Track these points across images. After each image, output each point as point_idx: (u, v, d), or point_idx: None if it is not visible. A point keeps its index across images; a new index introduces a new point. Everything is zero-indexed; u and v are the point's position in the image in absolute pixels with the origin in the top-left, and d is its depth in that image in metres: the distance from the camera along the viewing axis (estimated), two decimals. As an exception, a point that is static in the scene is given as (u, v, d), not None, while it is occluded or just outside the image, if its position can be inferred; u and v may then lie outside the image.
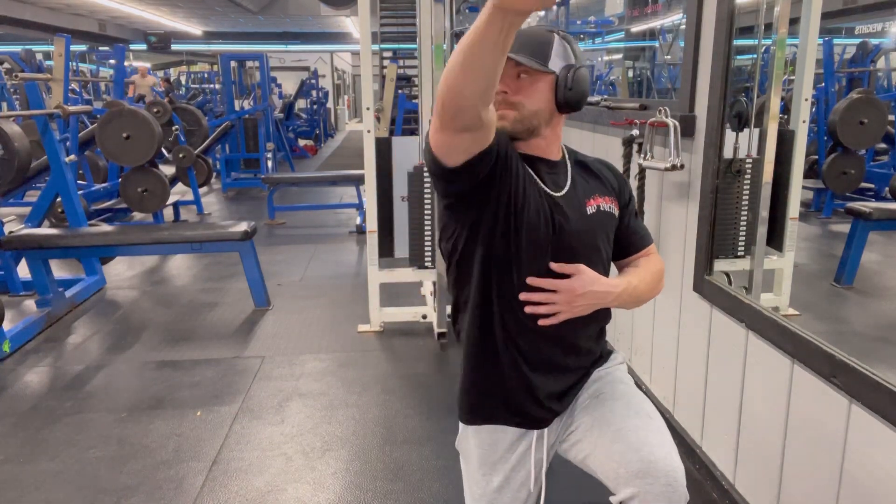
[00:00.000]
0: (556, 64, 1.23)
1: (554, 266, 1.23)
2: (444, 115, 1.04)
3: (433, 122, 1.09)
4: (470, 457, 1.38)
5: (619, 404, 1.30)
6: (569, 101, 1.24)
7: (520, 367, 1.28)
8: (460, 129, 1.06)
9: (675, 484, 1.16)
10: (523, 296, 1.22)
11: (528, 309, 1.23)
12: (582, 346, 1.34)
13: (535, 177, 1.25)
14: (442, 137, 1.09)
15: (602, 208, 1.31)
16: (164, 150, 6.52)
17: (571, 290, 1.22)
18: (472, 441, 1.37)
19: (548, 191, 1.25)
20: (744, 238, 2.11)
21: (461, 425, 1.40)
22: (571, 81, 1.23)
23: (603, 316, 1.36)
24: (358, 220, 6.27)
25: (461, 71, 0.96)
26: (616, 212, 1.35)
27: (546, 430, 1.34)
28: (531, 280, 1.22)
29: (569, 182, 1.30)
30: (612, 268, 1.39)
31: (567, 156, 1.35)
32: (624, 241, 1.38)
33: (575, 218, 1.26)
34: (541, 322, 1.23)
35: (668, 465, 1.17)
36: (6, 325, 3.31)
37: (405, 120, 8.04)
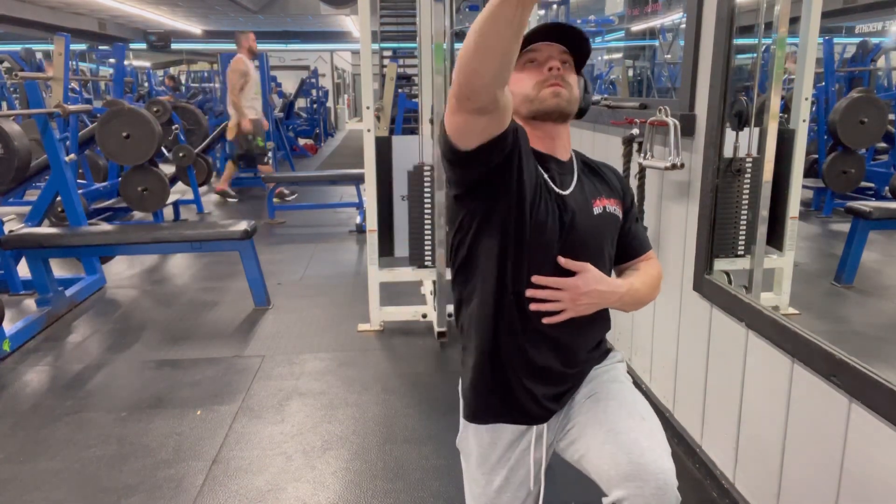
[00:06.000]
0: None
1: (561, 260, 1.23)
2: (460, 96, 1.03)
3: (449, 105, 1.08)
4: (470, 456, 1.38)
5: (613, 404, 1.29)
6: (583, 106, 1.31)
7: (520, 364, 1.28)
8: (475, 110, 1.04)
9: (666, 487, 1.15)
10: (529, 292, 1.22)
11: (532, 306, 1.23)
12: (582, 348, 1.34)
13: (545, 175, 1.26)
14: (457, 119, 1.08)
15: (608, 209, 1.33)
16: (164, 149, 6.52)
17: (576, 287, 1.22)
18: (472, 440, 1.37)
19: (556, 189, 1.26)
20: (744, 237, 2.11)
21: (461, 424, 1.40)
22: (587, 88, 1.31)
23: (603, 324, 1.38)
24: (358, 220, 6.27)
25: (475, 50, 0.95)
26: (620, 214, 1.36)
27: (545, 427, 1.34)
28: (536, 278, 1.22)
29: (575, 181, 1.31)
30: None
31: (574, 157, 1.36)
32: (625, 245, 1.40)
33: (582, 217, 1.27)
34: (545, 320, 1.23)
35: (658, 467, 1.16)
36: (6, 325, 3.31)
37: (405, 119, 8.04)
